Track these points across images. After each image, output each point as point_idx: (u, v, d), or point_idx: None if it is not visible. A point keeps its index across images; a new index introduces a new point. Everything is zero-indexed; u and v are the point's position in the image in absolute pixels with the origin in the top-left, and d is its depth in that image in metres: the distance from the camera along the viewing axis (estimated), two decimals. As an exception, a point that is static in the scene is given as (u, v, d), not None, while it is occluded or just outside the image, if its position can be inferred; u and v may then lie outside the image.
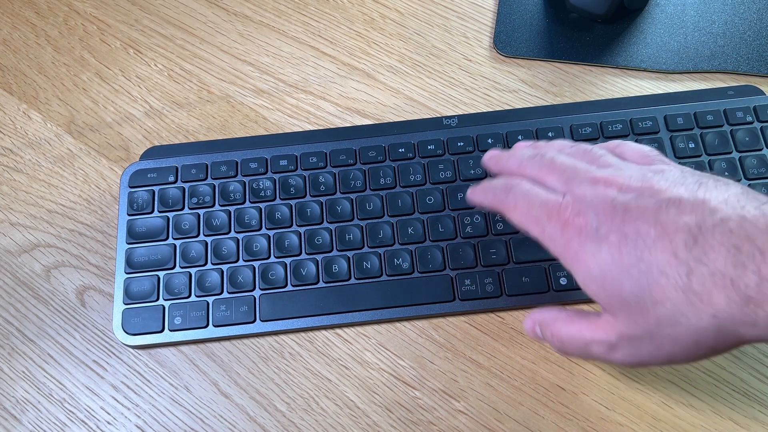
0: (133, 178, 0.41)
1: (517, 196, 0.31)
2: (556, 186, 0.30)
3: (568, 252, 0.28)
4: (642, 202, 0.26)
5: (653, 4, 0.47)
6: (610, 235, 0.26)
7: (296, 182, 0.41)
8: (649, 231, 0.25)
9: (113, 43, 0.48)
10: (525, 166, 0.32)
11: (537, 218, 0.29)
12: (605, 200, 0.27)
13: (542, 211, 0.29)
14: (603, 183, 0.28)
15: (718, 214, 0.24)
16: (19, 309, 0.40)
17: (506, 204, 0.31)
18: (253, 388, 0.37)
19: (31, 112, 0.46)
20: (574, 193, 0.29)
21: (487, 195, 0.33)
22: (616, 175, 0.28)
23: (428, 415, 0.36)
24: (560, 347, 0.30)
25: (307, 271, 0.38)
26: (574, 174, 0.30)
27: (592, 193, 0.28)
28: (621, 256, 0.26)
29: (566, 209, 0.28)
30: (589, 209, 0.27)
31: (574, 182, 0.29)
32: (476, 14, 0.48)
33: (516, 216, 0.31)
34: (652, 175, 0.28)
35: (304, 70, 0.47)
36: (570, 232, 0.28)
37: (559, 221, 0.28)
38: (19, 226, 0.42)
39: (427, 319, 0.38)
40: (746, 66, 0.44)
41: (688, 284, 0.24)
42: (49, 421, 0.37)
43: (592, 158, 0.31)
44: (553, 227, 0.28)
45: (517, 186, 0.31)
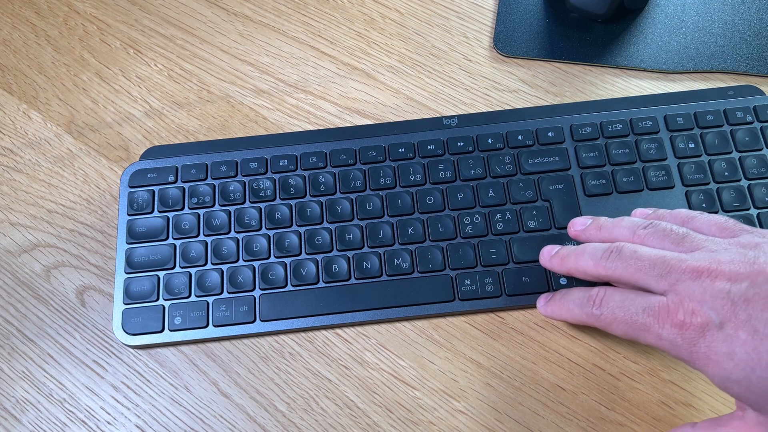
0: (133, 178, 0.41)
1: (613, 309, 0.29)
2: (651, 284, 0.28)
3: (697, 356, 0.26)
4: (761, 291, 0.25)
5: (653, 4, 0.47)
6: (740, 333, 0.25)
7: (296, 182, 0.41)
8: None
9: (113, 43, 0.48)
10: (604, 266, 0.30)
11: (646, 326, 0.27)
12: (719, 294, 0.26)
13: (649, 317, 0.27)
14: (707, 274, 0.26)
15: None
16: (19, 309, 0.40)
17: (603, 320, 0.29)
18: (253, 388, 0.37)
19: (31, 112, 0.46)
20: (678, 291, 0.27)
21: (572, 312, 0.31)
22: (716, 261, 0.27)
23: (428, 415, 0.36)
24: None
25: (307, 271, 0.38)
26: (667, 268, 0.28)
27: (701, 289, 0.26)
28: (760, 355, 0.24)
29: (677, 310, 0.27)
30: (704, 306, 0.26)
31: (671, 277, 0.27)
32: (476, 14, 0.48)
33: (619, 329, 0.29)
34: (755, 255, 0.26)
35: (304, 70, 0.47)
36: (691, 335, 0.26)
37: (675, 324, 0.27)
38: (19, 226, 0.42)
39: (427, 319, 0.38)
40: (746, 66, 0.44)
41: None
42: (49, 421, 0.37)
43: (674, 241, 0.29)
44: (670, 332, 0.27)
45: (607, 297, 0.30)
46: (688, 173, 0.39)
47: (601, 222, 0.33)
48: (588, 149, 0.41)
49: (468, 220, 0.39)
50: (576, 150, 0.41)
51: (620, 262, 0.29)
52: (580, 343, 0.37)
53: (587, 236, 0.33)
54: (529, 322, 0.38)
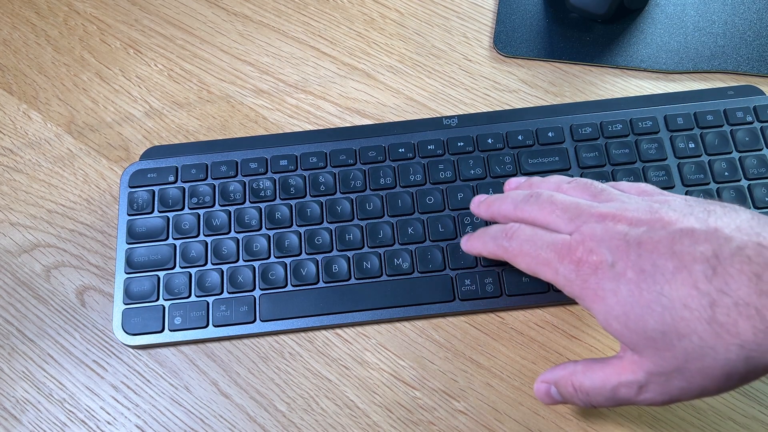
0: (133, 178, 0.41)
1: (522, 242, 0.30)
2: (561, 226, 0.29)
3: (586, 292, 0.27)
4: (655, 235, 0.26)
5: (653, 4, 0.47)
6: (627, 271, 0.26)
7: (296, 182, 0.41)
8: (666, 264, 0.25)
9: (113, 43, 0.48)
10: (522, 209, 0.31)
11: (547, 261, 0.29)
12: (617, 235, 0.27)
13: (551, 252, 0.29)
14: (611, 218, 0.28)
15: (733, 242, 0.24)
16: (19, 309, 0.40)
17: (510, 251, 0.31)
18: (253, 388, 0.37)
19: (31, 112, 0.46)
20: (582, 231, 0.28)
21: (486, 244, 0.33)
22: (623, 208, 0.28)
23: (428, 415, 0.36)
24: (586, 400, 0.29)
25: (307, 271, 0.38)
26: (578, 211, 0.29)
27: (602, 229, 0.27)
28: (641, 292, 0.25)
29: (577, 248, 0.28)
30: (601, 246, 0.27)
31: (579, 220, 0.29)
32: (476, 14, 0.48)
33: (524, 262, 0.30)
34: (659, 207, 0.27)
35: (304, 70, 0.47)
36: (585, 271, 0.27)
37: (572, 261, 0.28)
38: (19, 226, 0.42)
39: (427, 319, 0.38)
40: (746, 66, 0.44)
41: (712, 316, 0.23)
42: (49, 421, 0.37)
43: (592, 193, 0.31)
44: (567, 267, 0.28)
45: (518, 231, 0.31)
46: (688, 173, 0.40)
47: (533, 180, 0.35)
48: (588, 149, 0.41)
49: (468, 220, 0.39)
50: (576, 150, 0.41)
51: (537, 206, 0.31)
52: (580, 343, 0.37)
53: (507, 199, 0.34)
54: (529, 322, 0.38)
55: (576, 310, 0.38)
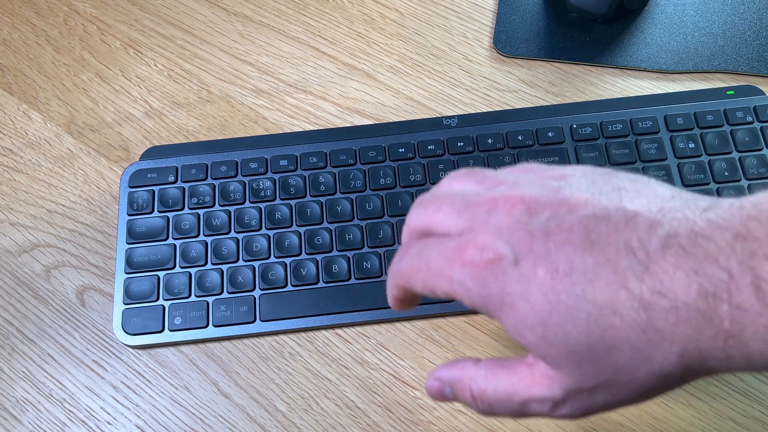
0: (133, 178, 0.41)
1: (411, 257, 0.24)
2: (449, 225, 0.24)
3: (489, 299, 0.22)
4: (563, 222, 0.21)
5: (653, 4, 0.47)
6: (537, 270, 0.21)
7: (296, 182, 0.41)
8: (585, 259, 0.20)
9: (113, 43, 0.48)
10: (409, 220, 0.25)
11: (439, 270, 0.23)
12: (516, 224, 0.22)
13: (441, 259, 0.23)
14: (503, 203, 0.22)
15: (661, 229, 0.20)
16: (19, 309, 0.40)
17: (401, 274, 0.24)
18: (253, 388, 0.37)
19: (31, 112, 0.46)
20: (472, 228, 0.23)
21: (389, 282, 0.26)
22: (516, 191, 0.23)
23: (428, 415, 0.36)
24: (486, 410, 0.24)
25: (307, 271, 0.38)
26: (464, 203, 0.24)
27: (495, 220, 0.22)
28: (559, 297, 0.20)
29: (467, 246, 0.22)
30: (496, 239, 0.22)
31: (468, 213, 0.23)
32: (476, 14, 0.48)
33: (418, 281, 0.24)
34: (559, 185, 0.23)
35: (304, 70, 0.47)
36: (482, 274, 0.21)
37: (465, 263, 0.22)
38: (19, 226, 0.42)
39: (427, 319, 0.38)
40: (746, 66, 0.44)
41: (647, 321, 0.19)
42: (49, 421, 0.37)
43: (476, 180, 0.25)
44: (460, 272, 0.22)
45: (406, 248, 0.25)
46: (688, 173, 0.40)
47: None
48: (588, 149, 0.41)
49: (468, 220, 0.39)
50: (576, 150, 0.41)
51: (421, 208, 0.25)
52: (580, 343, 0.37)
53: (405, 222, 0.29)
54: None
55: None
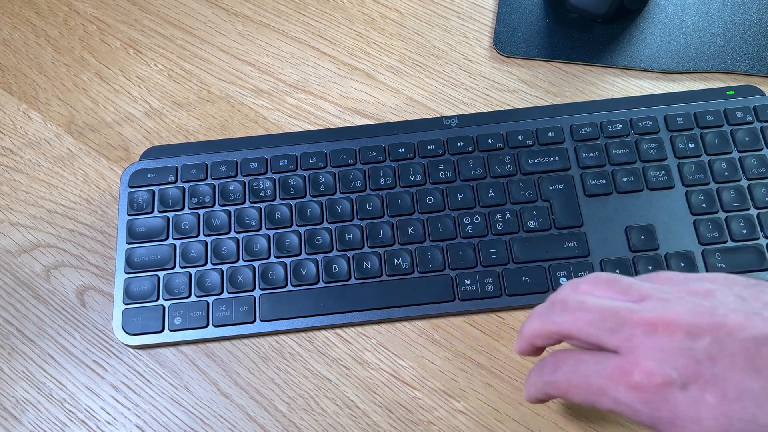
0: (133, 178, 0.41)
1: (566, 372, 0.26)
2: (603, 339, 0.25)
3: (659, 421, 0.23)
4: (725, 347, 0.22)
5: (653, 4, 0.47)
6: (706, 395, 0.22)
7: (296, 182, 0.41)
8: (752, 385, 0.22)
9: (113, 43, 0.48)
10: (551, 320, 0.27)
11: (602, 389, 0.24)
12: (679, 351, 0.23)
13: (603, 379, 0.24)
14: (663, 327, 0.24)
15: None
16: (19, 309, 0.40)
17: (558, 386, 0.26)
18: (253, 388, 0.37)
19: (31, 112, 0.46)
20: (632, 349, 0.24)
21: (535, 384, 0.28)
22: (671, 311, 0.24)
23: (428, 415, 0.36)
24: None
25: (307, 271, 0.38)
26: (618, 320, 0.25)
27: (657, 345, 0.23)
28: (729, 421, 0.22)
29: (632, 371, 0.23)
30: (663, 366, 0.23)
31: (624, 331, 0.24)
32: (476, 14, 0.48)
33: (577, 396, 0.25)
34: (711, 305, 0.24)
35: (304, 70, 0.47)
36: (650, 398, 0.23)
37: (631, 386, 0.23)
38: (19, 226, 0.42)
39: (427, 319, 0.38)
40: (746, 66, 0.44)
41: None
42: (49, 421, 0.37)
43: (619, 290, 0.26)
44: (627, 395, 0.23)
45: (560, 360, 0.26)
46: (688, 173, 0.39)
47: None
48: (588, 149, 0.41)
49: (468, 220, 0.39)
50: (576, 150, 0.41)
51: (567, 315, 0.26)
52: (580, 343, 0.37)
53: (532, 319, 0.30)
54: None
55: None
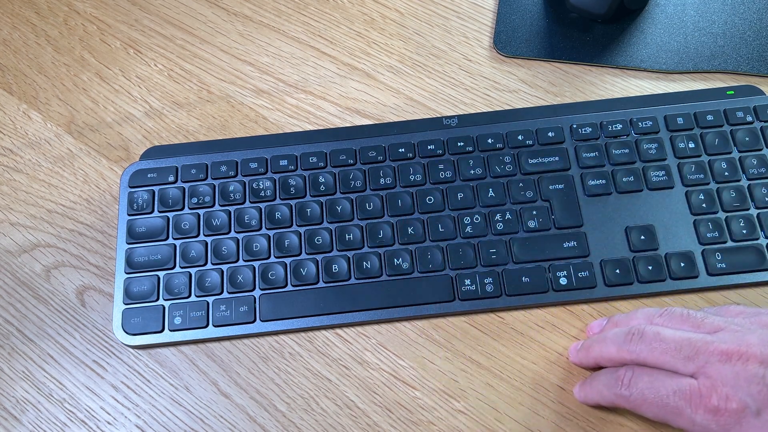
0: (133, 178, 0.41)
1: (642, 389, 0.28)
2: (678, 366, 0.27)
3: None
4: None
5: (653, 4, 0.47)
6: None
7: (296, 182, 0.41)
8: None
9: (113, 43, 0.48)
10: (629, 350, 0.30)
11: (678, 409, 0.27)
12: (754, 379, 0.25)
13: (681, 400, 0.27)
14: (737, 357, 0.26)
15: None
16: (19, 309, 0.40)
17: (632, 400, 0.29)
18: (253, 388, 0.37)
19: (31, 112, 0.46)
20: (709, 375, 0.26)
21: (602, 393, 0.31)
22: (744, 342, 0.26)
23: (428, 415, 0.36)
24: None
25: (307, 271, 0.38)
26: (693, 349, 0.27)
27: (733, 373, 0.26)
28: None
29: (710, 395, 0.26)
30: (738, 391, 0.25)
31: (699, 359, 0.27)
32: (476, 14, 0.48)
33: (650, 411, 0.28)
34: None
35: (304, 70, 0.47)
36: (726, 421, 0.26)
37: (708, 410, 0.26)
38: (19, 226, 0.42)
39: (427, 319, 0.38)
40: (746, 66, 0.44)
41: None
42: (49, 421, 0.37)
43: (694, 324, 0.29)
44: (703, 417, 0.26)
45: (635, 377, 0.29)
46: (688, 173, 0.39)
47: (616, 318, 0.33)
48: (588, 149, 0.41)
49: (468, 220, 0.39)
50: (576, 150, 0.41)
51: (644, 345, 0.29)
52: (580, 343, 0.37)
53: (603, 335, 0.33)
54: (529, 322, 0.38)
55: (576, 310, 0.38)
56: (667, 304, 0.37)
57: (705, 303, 0.37)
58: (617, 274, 0.37)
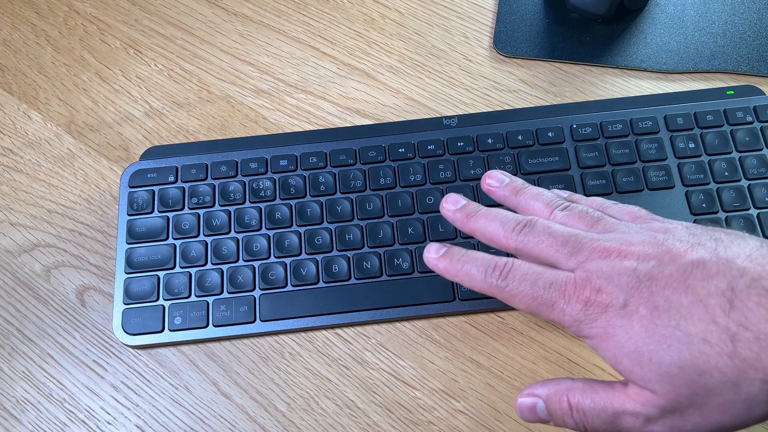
0: (133, 178, 0.41)
1: (519, 282, 0.28)
2: (560, 260, 0.28)
3: (595, 331, 0.26)
4: (665, 269, 0.25)
5: (653, 4, 0.47)
6: (640, 308, 0.25)
7: (296, 182, 0.41)
8: (681, 299, 0.24)
9: (113, 43, 0.48)
10: (515, 239, 0.29)
11: (551, 301, 0.27)
12: (626, 272, 0.26)
13: (555, 292, 0.27)
14: (616, 253, 0.27)
15: (748, 274, 0.23)
16: (19, 309, 0.40)
17: (507, 291, 0.28)
18: (253, 388, 0.37)
19: (31, 112, 0.46)
20: (587, 268, 0.27)
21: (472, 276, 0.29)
22: (626, 241, 0.27)
23: (428, 415, 0.36)
24: (580, 421, 0.27)
25: (307, 271, 0.38)
26: (578, 245, 0.27)
27: (609, 266, 0.26)
28: (656, 328, 0.24)
29: (584, 286, 0.26)
30: (610, 284, 0.26)
31: (581, 255, 0.27)
32: (476, 14, 0.48)
33: (522, 303, 0.28)
34: (664, 237, 0.27)
35: (304, 70, 0.47)
36: (594, 311, 0.26)
37: (580, 300, 0.26)
38: (19, 226, 0.42)
39: (427, 319, 0.38)
40: (746, 66, 0.44)
41: (734, 350, 0.23)
42: (49, 421, 0.37)
43: (589, 223, 0.29)
44: (574, 307, 0.26)
45: (514, 269, 0.28)
46: (688, 173, 0.40)
47: (518, 185, 0.32)
48: (588, 149, 0.41)
49: (468, 220, 0.39)
50: (576, 150, 0.41)
51: (533, 236, 0.28)
52: (580, 343, 0.37)
53: (501, 196, 0.32)
54: (529, 322, 0.38)
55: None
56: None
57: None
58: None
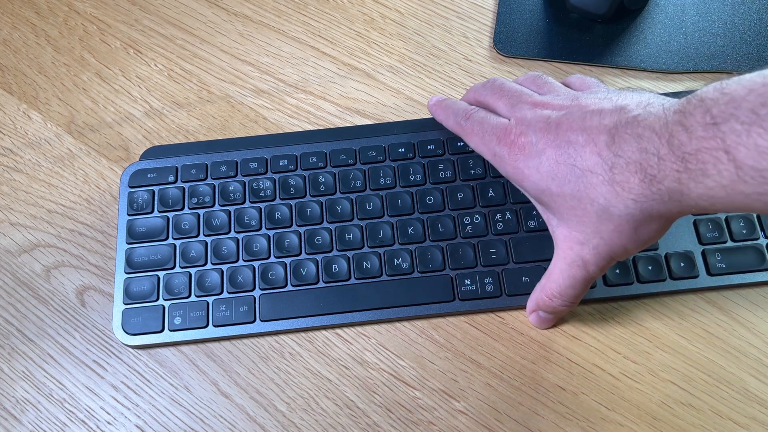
0: (133, 178, 0.41)
1: (474, 123, 0.35)
2: (503, 111, 0.34)
3: (516, 170, 0.32)
4: (571, 116, 0.30)
5: (653, 4, 0.47)
6: (547, 149, 0.30)
7: (296, 182, 0.41)
8: (578, 138, 0.29)
9: (113, 43, 0.48)
10: (477, 91, 0.37)
11: (489, 141, 0.33)
12: (542, 119, 0.31)
13: (493, 135, 0.33)
14: (541, 105, 0.32)
15: (631, 113, 0.27)
16: (19, 309, 0.40)
17: (465, 129, 0.36)
18: (253, 388, 0.37)
19: (31, 112, 0.46)
20: (517, 117, 0.32)
21: (448, 117, 0.38)
22: (553, 98, 0.32)
23: (428, 415, 0.36)
24: (563, 300, 0.33)
25: (307, 271, 0.38)
26: (518, 99, 0.34)
27: (532, 115, 0.32)
28: (558, 165, 0.29)
29: (511, 132, 0.32)
30: (529, 129, 0.31)
31: (517, 107, 0.33)
32: (476, 14, 0.48)
33: (473, 141, 0.35)
34: (582, 95, 0.31)
35: (304, 70, 0.47)
36: (516, 152, 0.32)
37: (506, 143, 0.32)
38: (19, 226, 0.42)
39: (427, 319, 0.38)
40: (746, 66, 0.44)
41: (611, 177, 0.27)
42: (49, 421, 0.37)
43: (538, 85, 0.35)
44: (502, 149, 0.32)
45: (474, 113, 0.36)
46: (688, 173, 0.39)
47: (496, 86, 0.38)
48: (588, 149, 0.40)
49: (468, 220, 0.39)
50: (576, 150, 0.41)
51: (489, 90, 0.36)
52: (580, 343, 0.37)
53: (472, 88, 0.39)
54: (529, 322, 0.38)
55: (576, 310, 0.38)
56: (667, 305, 0.37)
57: (705, 303, 0.37)
58: (617, 275, 0.37)
